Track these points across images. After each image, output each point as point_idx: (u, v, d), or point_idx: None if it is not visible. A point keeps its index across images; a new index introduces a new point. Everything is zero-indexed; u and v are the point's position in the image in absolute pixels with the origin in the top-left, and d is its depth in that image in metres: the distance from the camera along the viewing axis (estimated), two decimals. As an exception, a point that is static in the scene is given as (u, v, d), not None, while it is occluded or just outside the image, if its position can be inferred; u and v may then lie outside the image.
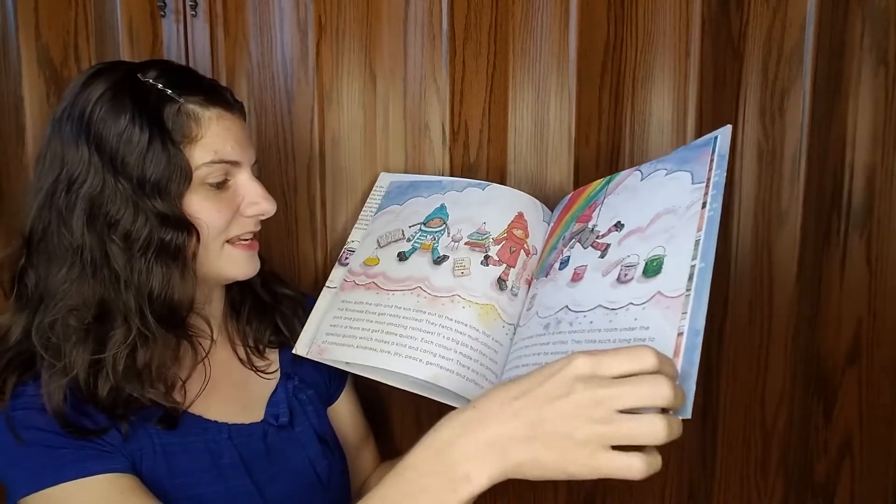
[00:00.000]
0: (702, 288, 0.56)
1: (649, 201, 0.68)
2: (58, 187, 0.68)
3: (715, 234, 0.59)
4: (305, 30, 0.94)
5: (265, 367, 0.82)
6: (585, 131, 0.94)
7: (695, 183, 0.64)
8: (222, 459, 0.72)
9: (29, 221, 0.70)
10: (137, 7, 0.96)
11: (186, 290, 0.70)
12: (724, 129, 0.65)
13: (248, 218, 0.75)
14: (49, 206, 0.68)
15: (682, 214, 0.63)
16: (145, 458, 0.68)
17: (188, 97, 0.70)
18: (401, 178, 0.94)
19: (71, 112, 0.69)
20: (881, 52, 0.93)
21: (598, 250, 0.69)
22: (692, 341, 0.53)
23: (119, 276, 0.67)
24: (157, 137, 0.67)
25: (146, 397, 0.68)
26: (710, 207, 0.61)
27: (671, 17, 0.92)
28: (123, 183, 0.67)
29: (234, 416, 0.76)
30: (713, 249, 0.58)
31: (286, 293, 0.87)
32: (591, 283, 0.67)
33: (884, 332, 0.97)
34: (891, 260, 0.96)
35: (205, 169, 0.70)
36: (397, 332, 0.75)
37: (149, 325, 0.68)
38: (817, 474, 1.02)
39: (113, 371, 0.67)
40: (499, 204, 0.84)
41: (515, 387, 0.51)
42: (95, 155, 0.67)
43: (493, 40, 0.93)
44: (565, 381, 0.49)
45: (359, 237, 0.90)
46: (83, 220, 0.67)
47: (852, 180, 0.97)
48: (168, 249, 0.68)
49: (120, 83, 0.69)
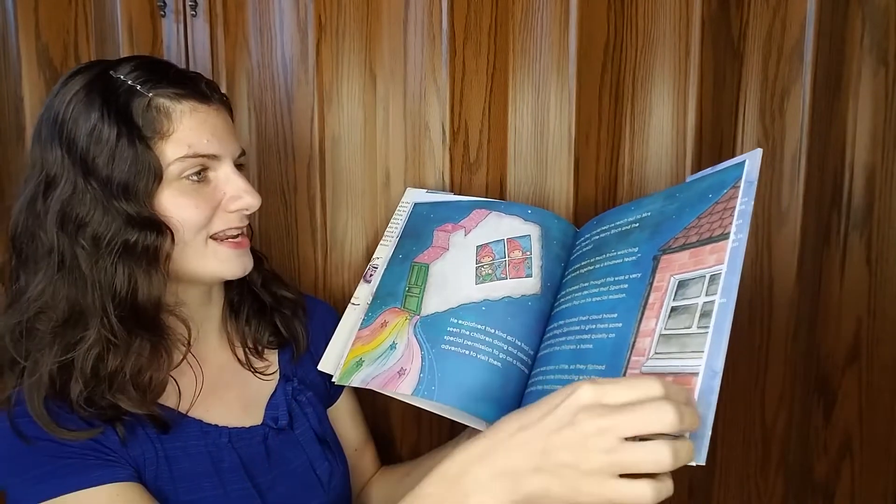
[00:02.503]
0: (722, 326, 0.52)
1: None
2: (37, 191, 0.68)
3: (739, 268, 0.53)
4: (305, 30, 0.94)
5: (264, 369, 0.82)
6: (585, 131, 0.94)
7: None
8: (223, 464, 0.72)
9: (12, 224, 0.70)
10: (137, 7, 0.96)
11: (152, 291, 0.68)
12: (754, 153, 0.60)
13: (231, 213, 0.73)
14: (31, 208, 0.68)
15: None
16: (148, 464, 0.68)
17: (158, 90, 0.68)
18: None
19: (48, 115, 0.68)
20: (881, 52, 0.93)
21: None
22: (709, 383, 0.50)
23: (86, 278, 0.66)
24: (124, 135, 0.66)
25: (117, 402, 0.66)
26: (734, 238, 0.55)
27: (671, 17, 0.92)
28: (93, 184, 0.66)
29: (234, 419, 0.76)
30: (736, 285, 0.53)
31: (286, 294, 0.86)
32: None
33: (884, 331, 0.97)
34: (891, 260, 0.96)
35: (178, 164, 0.68)
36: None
37: (113, 329, 0.66)
38: (817, 474, 1.02)
39: (81, 374, 0.66)
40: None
41: (525, 416, 0.51)
42: (67, 156, 0.66)
43: (493, 40, 0.93)
44: (570, 411, 0.48)
45: (383, 254, 0.88)
46: (55, 223, 0.67)
47: (852, 180, 0.97)
48: (133, 251, 0.67)
49: (92, 82, 0.68)
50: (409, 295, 0.82)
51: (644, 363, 0.57)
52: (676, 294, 0.58)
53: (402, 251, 0.87)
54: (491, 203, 0.87)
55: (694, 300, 0.56)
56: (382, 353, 0.78)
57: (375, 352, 0.79)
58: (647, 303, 0.61)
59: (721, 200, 0.60)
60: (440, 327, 0.76)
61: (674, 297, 0.58)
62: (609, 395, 0.48)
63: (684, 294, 0.58)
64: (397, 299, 0.82)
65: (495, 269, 0.80)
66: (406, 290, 0.83)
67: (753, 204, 0.56)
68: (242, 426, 0.76)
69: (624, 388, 0.48)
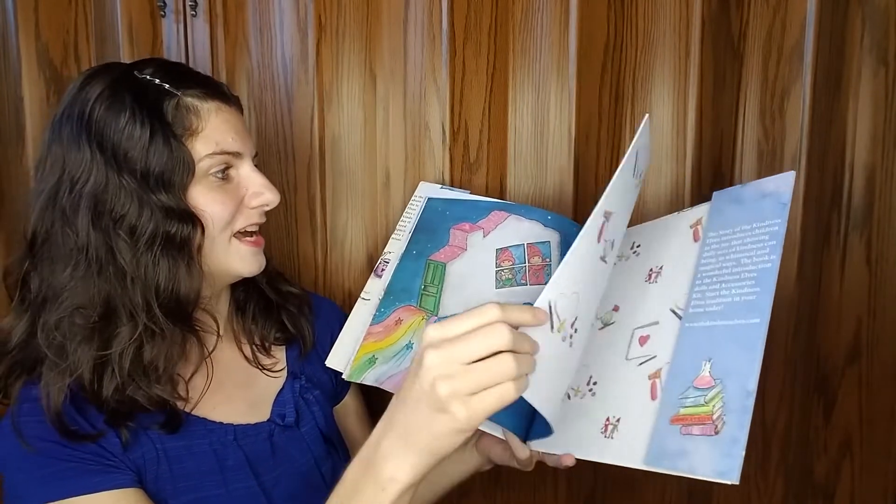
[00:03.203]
0: (755, 346, 0.53)
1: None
2: (60, 188, 0.68)
3: (772, 289, 0.55)
4: (305, 30, 0.94)
5: (272, 366, 0.82)
6: (585, 131, 0.94)
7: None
8: (228, 461, 0.72)
9: (31, 224, 0.69)
10: (137, 7, 0.96)
11: (193, 283, 0.70)
12: (787, 175, 0.61)
13: (252, 209, 0.75)
14: (52, 207, 0.68)
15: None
16: (149, 465, 0.68)
17: (186, 91, 0.70)
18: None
19: (70, 114, 0.69)
20: (881, 52, 0.93)
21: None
22: (742, 403, 0.51)
23: (125, 272, 0.67)
24: (158, 131, 0.68)
25: (153, 394, 0.68)
26: (767, 259, 0.56)
27: (671, 17, 0.92)
28: (127, 178, 0.67)
29: (240, 415, 0.76)
30: (769, 305, 0.54)
31: (292, 291, 0.87)
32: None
33: (884, 331, 0.97)
34: (891, 260, 0.96)
35: (207, 161, 0.70)
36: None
37: (156, 320, 0.68)
38: (817, 474, 1.02)
39: (119, 368, 0.67)
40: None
41: (404, 379, 0.55)
42: (97, 153, 0.67)
43: (493, 40, 0.93)
44: (421, 353, 0.53)
45: (395, 248, 0.88)
46: (88, 217, 0.67)
47: (852, 180, 0.96)
48: (174, 242, 0.68)
49: (117, 81, 0.69)
50: (425, 294, 0.82)
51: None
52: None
53: (415, 247, 0.86)
54: (510, 206, 0.86)
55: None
56: (398, 353, 0.78)
57: (390, 350, 0.79)
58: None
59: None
60: None
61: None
62: (448, 329, 0.52)
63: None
64: (412, 296, 0.82)
65: (515, 275, 0.79)
66: (422, 288, 0.82)
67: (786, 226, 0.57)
68: (248, 423, 0.76)
69: (461, 318, 0.52)
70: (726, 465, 0.50)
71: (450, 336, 0.52)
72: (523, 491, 1.01)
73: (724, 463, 0.50)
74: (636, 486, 0.99)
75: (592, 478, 1.00)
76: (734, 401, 0.51)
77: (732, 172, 0.96)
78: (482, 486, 1.01)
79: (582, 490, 1.00)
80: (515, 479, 1.00)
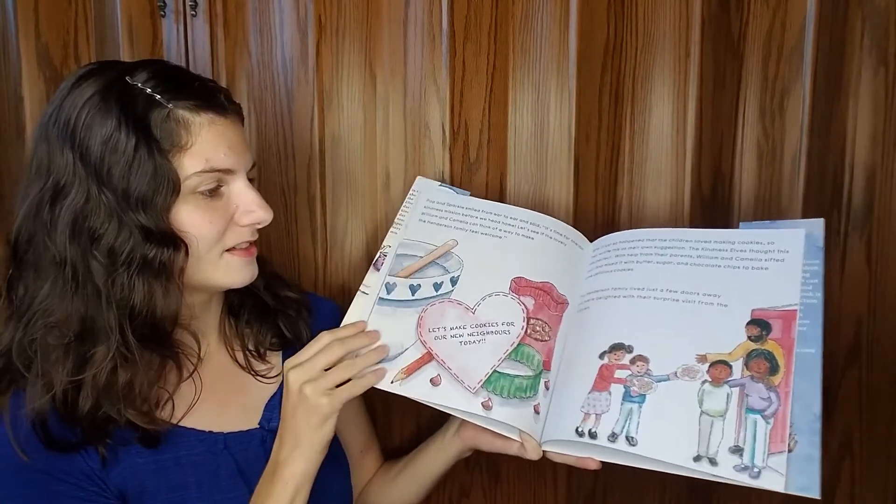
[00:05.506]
0: (815, 373, 0.64)
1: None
2: (44, 197, 0.66)
3: (821, 321, 0.66)
4: (305, 30, 0.94)
5: (266, 371, 0.81)
6: (585, 131, 0.94)
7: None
8: (219, 470, 0.72)
9: (14, 230, 0.68)
10: (137, 7, 0.96)
11: (170, 305, 0.67)
12: (818, 221, 0.70)
13: (243, 227, 0.72)
14: (35, 216, 0.66)
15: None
16: (131, 481, 0.68)
17: (178, 102, 0.67)
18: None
19: (57, 117, 0.66)
20: (881, 52, 0.93)
21: None
22: (812, 426, 0.62)
23: (100, 293, 0.65)
24: (143, 146, 0.64)
25: (124, 418, 0.66)
26: (812, 296, 0.68)
27: (671, 17, 0.92)
28: (108, 195, 0.65)
29: (232, 423, 0.75)
30: (821, 336, 0.66)
31: (290, 295, 0.85)
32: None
33: (884, 331, 0.97)
34: (891, 260, 0.96)
35: (195, 178, 0.67)
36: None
37: (129, 344, 0.66)
38: (817, 474, 1.01)
39: (93, 390, 0.65)
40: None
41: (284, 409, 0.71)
42: (80, 164, 0.65)
43: (493, 40, 0.93)
44: (286, 378, 0.70)
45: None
46: (66, 233, 0.65)
47: (852, 180, 0.96)
48: (151, 266, 0.66)
49: (108, 87, 0.66)
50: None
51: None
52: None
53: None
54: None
55: None
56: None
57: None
58: None
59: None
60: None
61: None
62: (300, 356, 0.70)
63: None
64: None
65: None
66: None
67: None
68: (241, 430, 0.75)
69: (306, 348, 0.71)
70: (804, 482, 0.60)
71: (302, 360, 0.69)
72: (523, 490, 1.01)
73: (802, 479, 0.60)
74: (636, 486, 0.99)
75: (593, 477, 1.00)
76: (802, 422, 0.62)
77: (732, 172, 0.96)
78: (482, 486, 1.01)
79: (582, 490, 1.00)
80: (515, 479, 1.00)
